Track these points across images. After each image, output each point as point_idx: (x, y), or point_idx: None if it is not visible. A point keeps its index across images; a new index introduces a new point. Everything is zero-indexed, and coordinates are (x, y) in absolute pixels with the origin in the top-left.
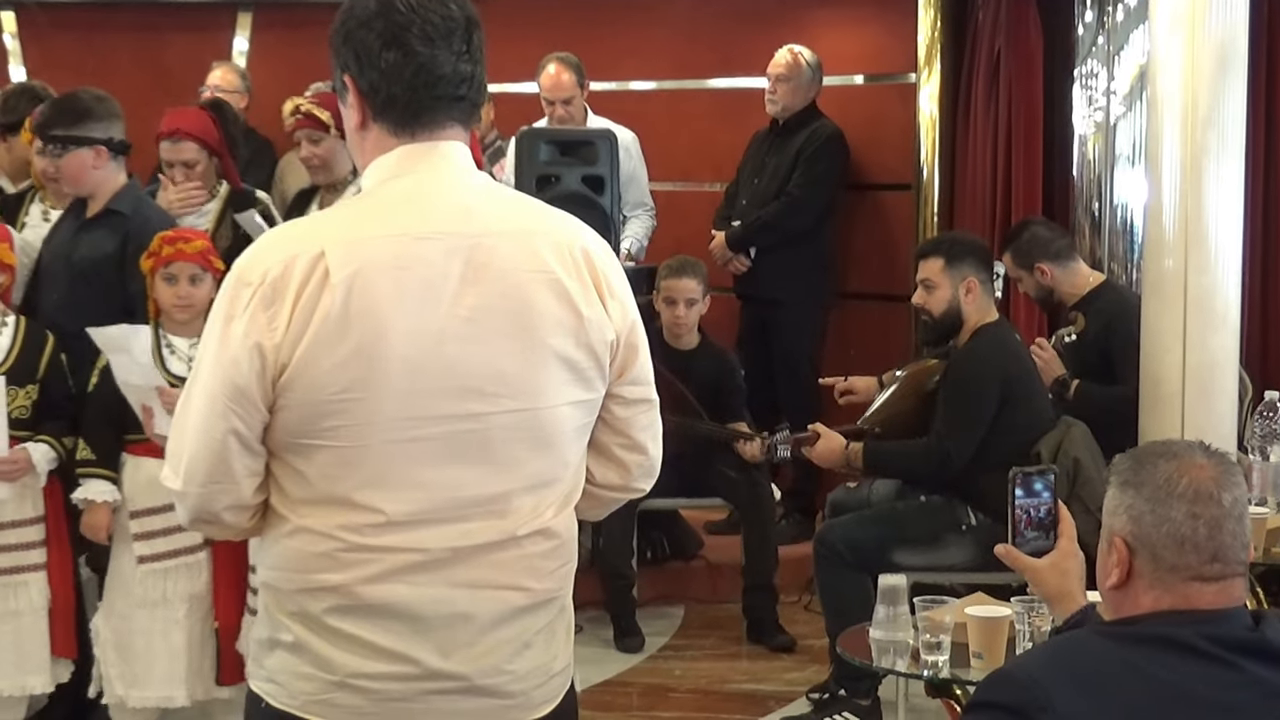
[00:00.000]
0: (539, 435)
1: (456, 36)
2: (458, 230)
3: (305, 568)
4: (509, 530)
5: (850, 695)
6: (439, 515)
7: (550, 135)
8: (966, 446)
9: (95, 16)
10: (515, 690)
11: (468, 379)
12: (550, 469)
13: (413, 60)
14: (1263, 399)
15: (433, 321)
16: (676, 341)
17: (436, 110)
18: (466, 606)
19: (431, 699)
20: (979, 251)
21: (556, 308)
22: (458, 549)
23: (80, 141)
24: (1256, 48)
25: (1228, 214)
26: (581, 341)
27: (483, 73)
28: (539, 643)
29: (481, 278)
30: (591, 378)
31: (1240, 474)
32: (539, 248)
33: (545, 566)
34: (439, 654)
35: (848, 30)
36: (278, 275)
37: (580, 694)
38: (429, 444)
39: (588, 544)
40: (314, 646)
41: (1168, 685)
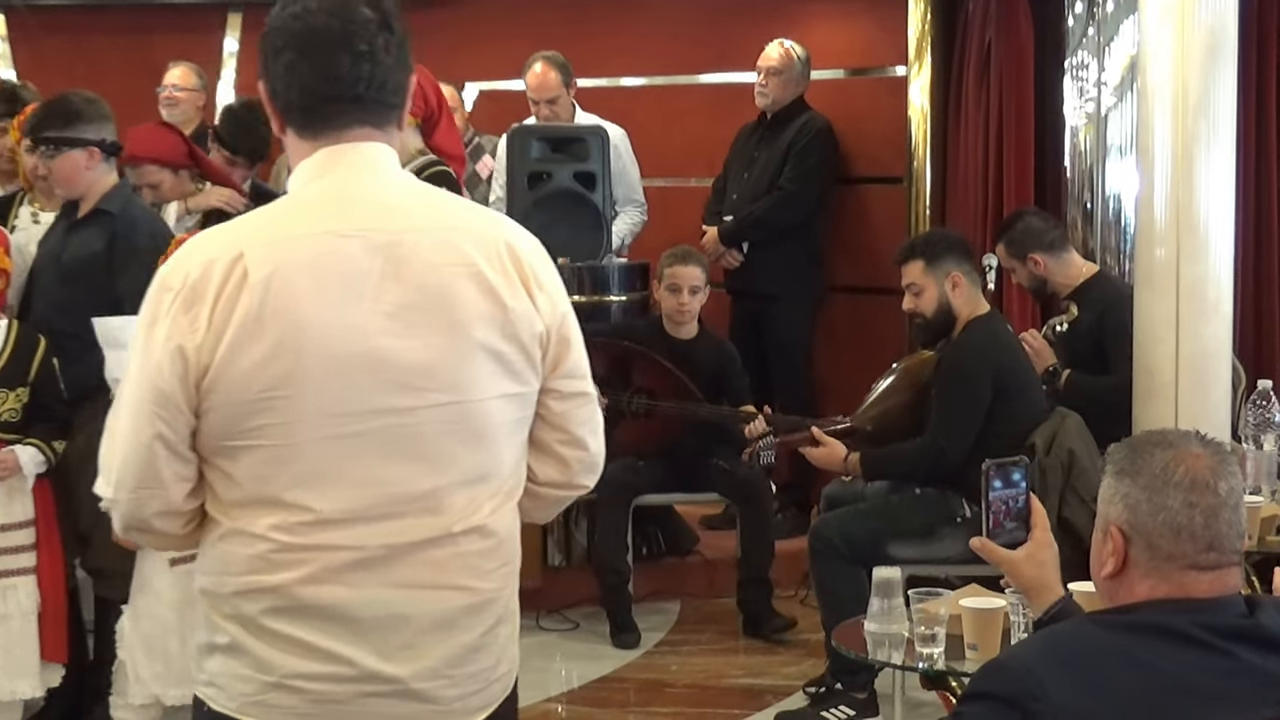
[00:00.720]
0: (470, 429)
1: (358, 38)
2: (378, 227)
3: (239, 570)
4: (444, 527)
5: (847, 689)
6: (371, 512)
7: (541, 132)
8: (962, 441)
9: (85, 18)
10: (451, 695)
11: (394, 373)
12: (484, 464)
13: (303, 64)
14: (1256, 388)
15: (355, 317)
16: (677, 331)
17: (334, 112)
18: (403, 607)
19: (368, 701)
20: (956, 245)
21: (480, 301)
22: (392, 546)
23: (73, 143)
24: (1246, 36)
25: (1219, 203)
26: (508, 333)
27: (391, 72)
28: (480, 646)
29: (403, 273)
30: (521, 370)
31: (1236, 463)
32: (461, 242)
33: (483, 566)
34: (376, 655)
35: (838, 23)
36: (197, 278)
37: (576, 690)
38: (358, 440)
39: (583, 540)
40: (251, 648)
41: (1163, 674)
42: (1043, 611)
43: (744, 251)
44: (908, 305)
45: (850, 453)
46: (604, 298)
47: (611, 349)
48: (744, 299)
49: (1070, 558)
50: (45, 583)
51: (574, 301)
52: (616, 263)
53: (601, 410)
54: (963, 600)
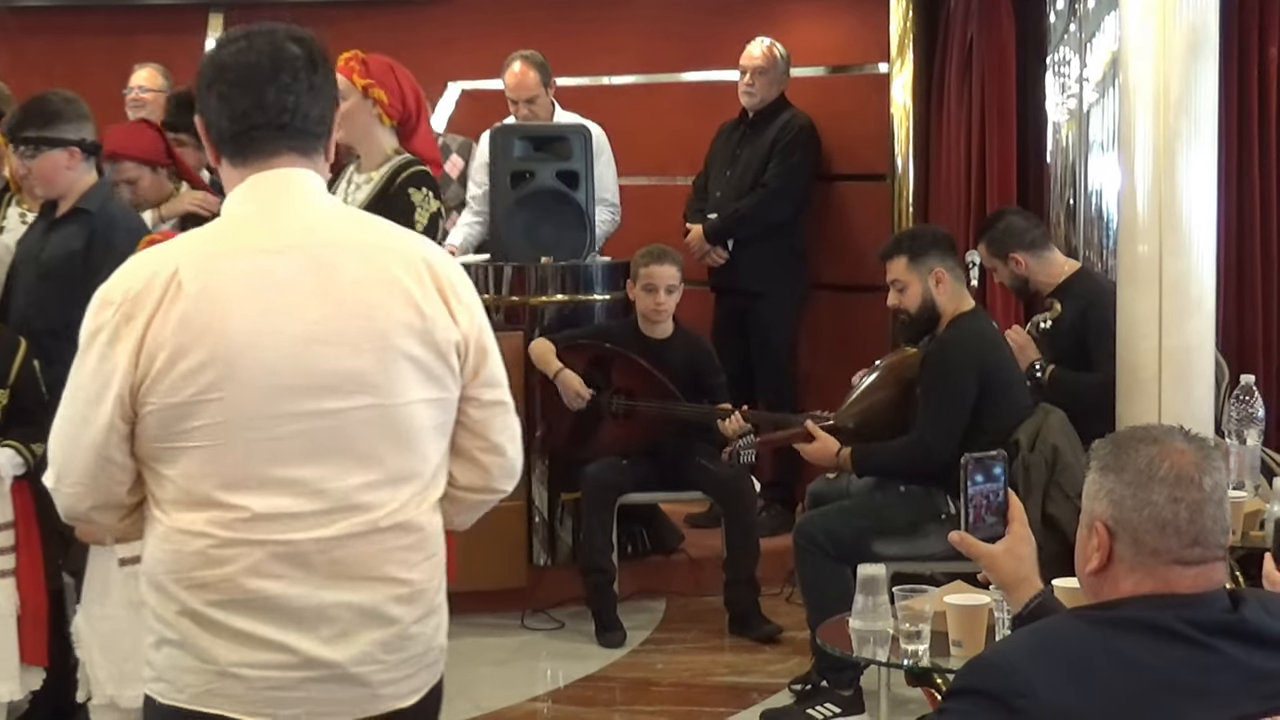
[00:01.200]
0: (395, 431)
1: (284, 73)
2: (304, 244)
3: (181, 566)
4: (371, 523)
5: (832, 686)
6: (302, 509)
7: (524, 131)
8: (949, 437)
9: (66, 19)
10: (385, 680)
11: (321, 378)
12: (409, 464)
13: (234, 95)
14: (1239, 383)
15: (284, 326)
16: (652, 330)
17: (262, 140)
18: (336, 597)
19: (309, 686)
20: (940, 241)
21: (401, 310)
22: (323, 540)
23: (53, 143)
24: (1227, 32)
25: (1201, 198)
26: (427, 342)
27: (314, 104)
28: (411, 635)
29: (329, 286)
30: (441, 376)
31: (1220, 458)
32: (382, 257)
33: (410, 559)
34: (315, 642)
35: (819, 21)
36: (137, 291)
37: (562, 689)
38: (288, 441)
39: (568, 540)
40: (196, 640)
41: (1148, 669)
42: (1022, 606)
43: (728, 249)
44: (892, 301)
45: (841, 448)
46: (588, 297)
47: (590, 350)
48: (728, 296)
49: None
50: (25, 585)
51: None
52: (600, 261)
53: (584, 410)
54: (947, 597)
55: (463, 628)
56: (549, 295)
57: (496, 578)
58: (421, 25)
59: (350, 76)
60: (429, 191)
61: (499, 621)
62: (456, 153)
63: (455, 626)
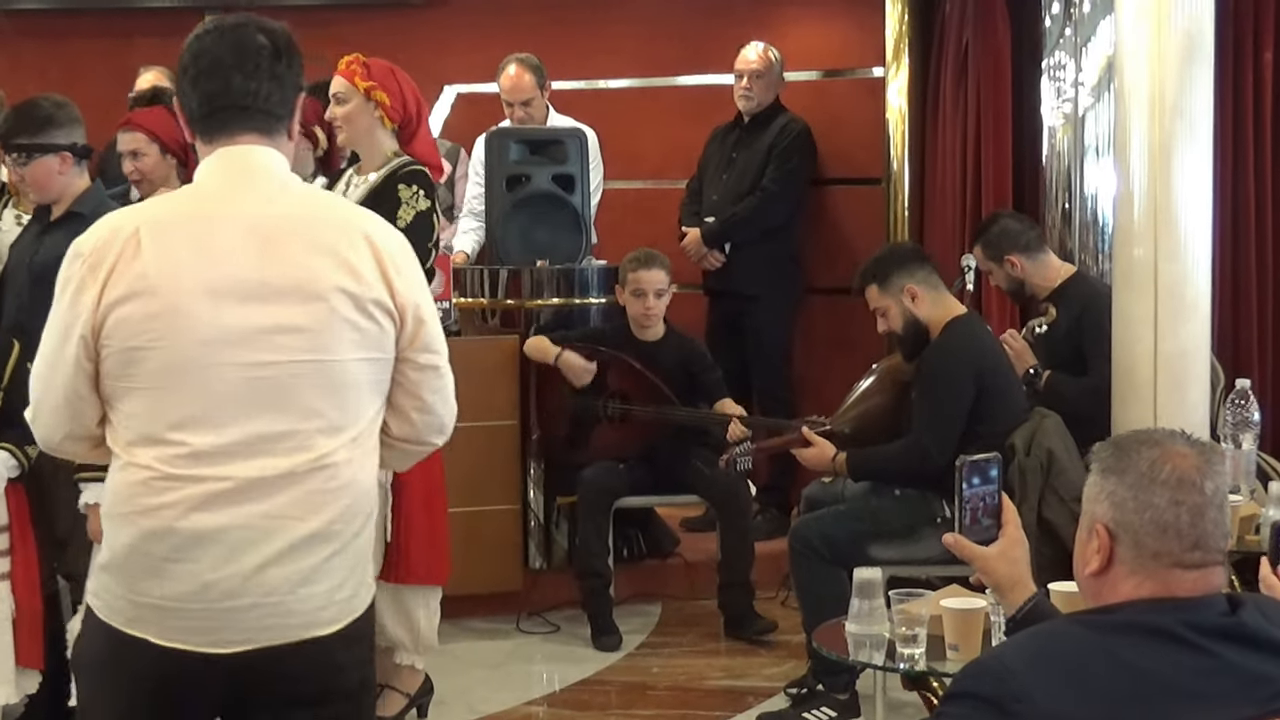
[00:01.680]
0: (330, 385)
1: (248, 60)
2: (254, 212)
3: (129, 495)
4: (299, 466)
5: (828, 690)
6: (238, 450)
7: (520, 135)
8: (946, 441)
9: (62, 23)
10: (299, 609)
11: (258, 333)
12: (342, 416)
13: (203, 80)
14: (1234, 387)
15: (225, 285)
16: (644, 333)
17: (226, 119)
18: (259, 532)
19: (225, 616)
20: (904, 257)
21: (338, 277)
22: (253, 480)
23: (45, 149)
24: (1223, 36)
25: (1197, 202)
26: (362, 307)
27: (276, 89)
28: (322, 570)
29: (274, 250)
30: (377, 339)
31: (1222, 463)
32: (323, 229)
33: (329, 502)
34: (235, 574)
35: (815, 25)
36: (102, 244)
37: (558, 693)
38: (228, 388)
39: (564, 543)
40: (132, 568)
41: (1145, 673)
42: (1016, 609)
43: (725, 252)
44: (880, 328)
45: (837, 453)
46: (584, 300)
47: (585, 353)
48: (723, 299)
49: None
50: (20, 588)
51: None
52: (596, 265)
53: (579, 414)
54: (944, 601)
55: (458, 631)
56: (545, 299)
57: (492, 581)
58: (417, 28)
59: (352, 79)
60: (419, 190)
61: (494, 625)
62: (444, 158)
63: (450, 629)
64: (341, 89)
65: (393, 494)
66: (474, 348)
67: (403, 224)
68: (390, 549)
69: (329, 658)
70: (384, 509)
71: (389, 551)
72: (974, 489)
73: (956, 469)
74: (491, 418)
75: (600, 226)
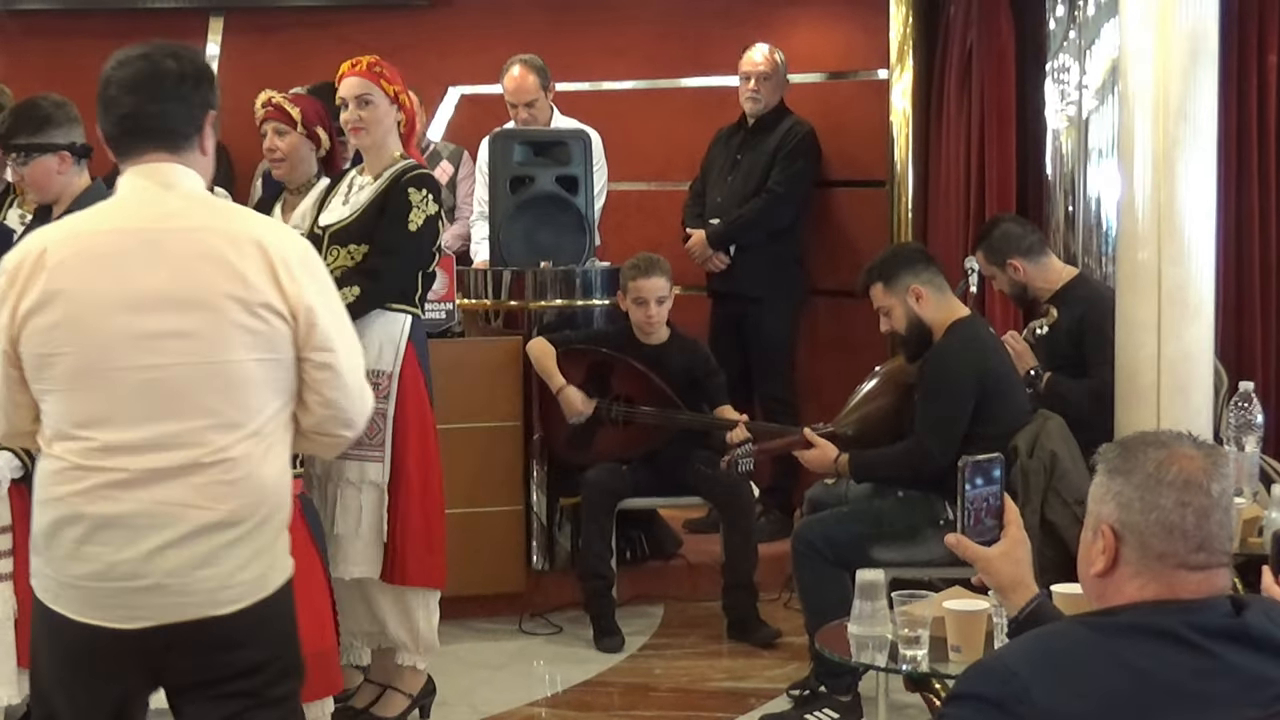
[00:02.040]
0: (224, 384)
1: (154, 85)
2: (153, 226)
3: (47, 483)
4: (195, 459)
5: (831, 691)
6: (141, 445)
7: (524, 136)
8: (949, 442)
9: (66, 24)
10: (198, 590)
11: (151, 338)
12: (237, 413)
13: (114, 105)
14: (1237, 390)
15: (125, 294)
16: (647, 338)
17: (134, 142)
18: (160, 519)
19: (129, 595)
20: (910, 257)
21: (227, 284)
22: (153, 471)
23: (44, 149)
24: (1227, 39)
25: (1201, 206)
26: (252, 311)
27: (183, 109)
28: (220, 555)
29: (165, 261)
30: (270, 340)
31: (1228, 465)
32: (214, 238)
33: (227, 493)
34: (137, 557)
35: (819, 27)
36: (16, 263)
37: (560, 694)
38: (128, 388)
39: (566, 544)
40: (53, 551)
41: (1148, 675)
42: (1018, 609)
43: (730, 254)
44: (883, 328)
45: (840, 454)
46: (587, 302)
47: (590, 356)
48: (727, 301)
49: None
50: (22, 589)
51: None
52: (600, 266)
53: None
54: (946, 602)
55: (461, 631)
56: (548, 300)
57: (495, 582)
58: (421, 30)
59: (378, 82)
60: (428, 194)
61: (497, 626)
62: (447, 159)
63: (453, 630)
64: (368, 90)
65: (389, 496)
66: (477, 349)
67: (414, 227)
68: (387, 550)
69: (229, 636)
70: (380, 510)
71: (386, 552)
72: (977, 489)
73: (959, 469)
74: (495, 419)
75: (604, 228)
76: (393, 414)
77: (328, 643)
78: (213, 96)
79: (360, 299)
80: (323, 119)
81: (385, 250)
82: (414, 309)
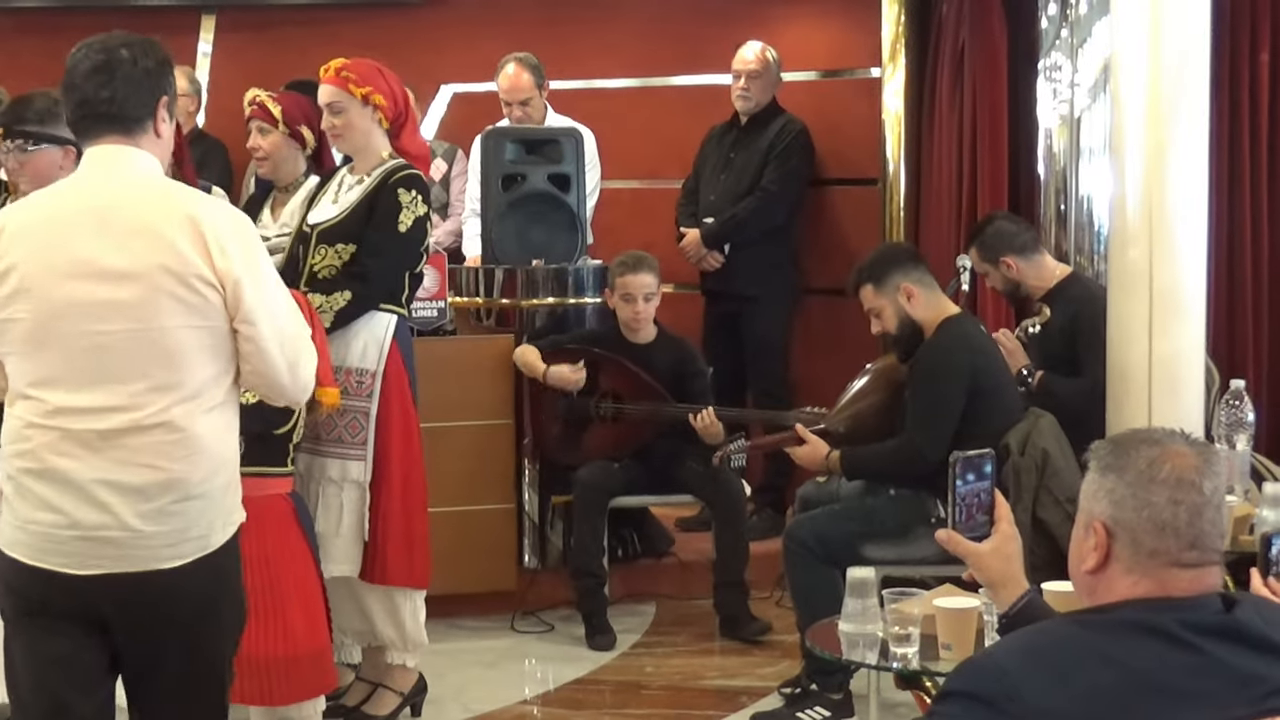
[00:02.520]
0: (160, 350)
1: (108, 73)
2: (99, 204)
3: (11, 439)
4: (137, 421)
5: (822, 689)
6: (87, 406)
7: (516, 134)
8: (939, 440)
9: (58, 20)
10: (142, 544)
11: (94, 307)
12: (172, 376)
13: (72, 92)
14: (1229, 388)
15: (72, 266)
16: (634, 336)
17: (89, 125)
18: (108, 476)
19: (79, 544)
20: (899, 257)
21: (161, 256)
22: (100, 432)
23: (52, 140)
24: (1218, 38)
25: (1192, 204)
26: (184, 282)
27: (134, 94)
28: (168, 512)
29: (108, 235)
30: (203, 309)
31: (1221, 463)
32: (152, 214)
33: (171, 452)
34: (87, 509)
35: (811, 25)
36: None
37: (552, 692)
38: (76, 353)
39: (558, 543)
40: (12, 499)
41: (1138, 673)
42: (1009, 605)
43: (725, 253)
44: (875, 329)
45: (830, 451)
46: (578, 300)
47: (577, 355)
48: (721, 300)
49: (1045, 558)
50: None
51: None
52: (591, 264)
53: (572, 415)
54: (937, 600)
55: (452, 630)
56: (540, 298)
57: (486, 581)
58: (413, 28)
59: (345, 87)
60: (417, 195)
61: (489, 624)
62: (441, 157)
63: (444, 629)
64: (337, 98)
65: (371, 494)
66: (468, 347)
67: (404, 228)
68: (368, 549)
69: (173, 588)
70: (361, 509)
71: (366, 551)
72: (968, 485)
73: (950, 465)
74: (486, 417)
75: (596, 226)
76: (376, 413)
77: (321, 641)
78: (166, 83)
79: (352, 303)
80: (308, 117)
81: (374, 251)
82: (400, 309)
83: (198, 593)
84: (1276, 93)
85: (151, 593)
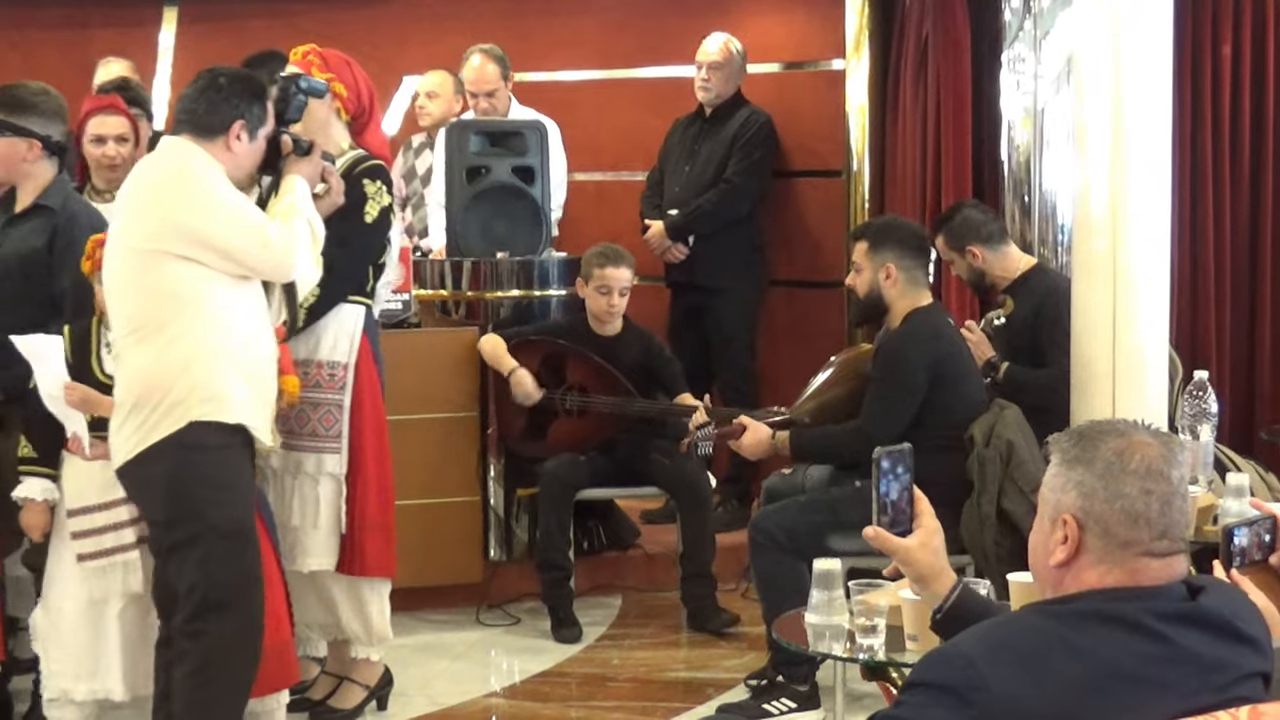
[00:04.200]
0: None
1: (197, 90)
2: (134, 175)
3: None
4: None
5: (788, 681)
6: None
7: (480, 126)
8: (894, 429)
9: (21, 13)
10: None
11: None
12: (118, 314)
13: (179, 100)
14: (1192, 379)
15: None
16: (603, 328)
17: (177, 125)
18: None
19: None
20: (906, 239)
21: (131, 220)
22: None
23: (17, 130)
24: (1181, 30)
25: (1156, 195)
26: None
27: (210, 108)
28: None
29: (122, 201)
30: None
31: (1184, 452)
32: (144, 184)
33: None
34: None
35: (775, 17)
36: None
37: (518, 685)
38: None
39: (524, 536)
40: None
41: (1104, 662)
42: (942, 599)
43: (689, 244)
44: (849, 280)
45: (777, 431)
46: (543, 292)
47: (544, 347)
48: (686, 292)
49: (1009, 549)
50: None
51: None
52: (556, 257)
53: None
54: (902, 591)
55: (418, 623)
56: (505, 290)
57: (452, 573)
58: (377, 20)
59: (308, 70)
60: (382, 185)
61: (454, 617)
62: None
63: (410, 622)
64: None
65: (348, 487)
66: (433, 340)
67: (370, 219)
68: (345, 541)
69: (134, 474)
70: (338, 502)
71: (343, 543)
72: (899, 479)
73: (874, 462)
74: (451, 409)
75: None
76: (349, 405)
77: (283, 635)
78: (245, 108)
79: (322, 298)
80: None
81: (340, 242)
82: (367, 300)
83: (153, 476)
84: (1239, 86)
85: (128, 481)
